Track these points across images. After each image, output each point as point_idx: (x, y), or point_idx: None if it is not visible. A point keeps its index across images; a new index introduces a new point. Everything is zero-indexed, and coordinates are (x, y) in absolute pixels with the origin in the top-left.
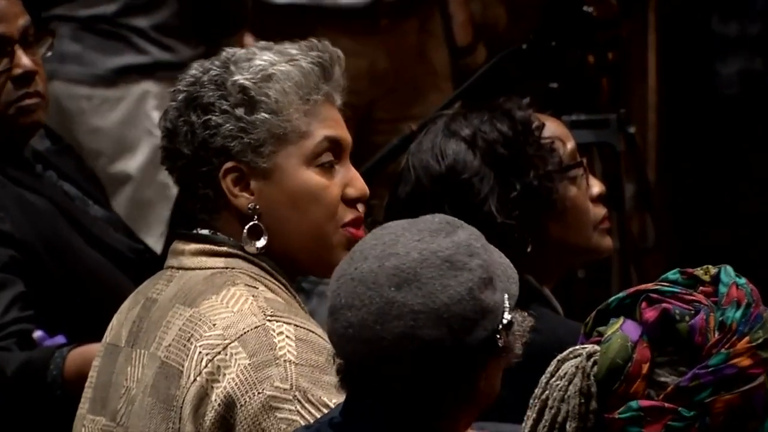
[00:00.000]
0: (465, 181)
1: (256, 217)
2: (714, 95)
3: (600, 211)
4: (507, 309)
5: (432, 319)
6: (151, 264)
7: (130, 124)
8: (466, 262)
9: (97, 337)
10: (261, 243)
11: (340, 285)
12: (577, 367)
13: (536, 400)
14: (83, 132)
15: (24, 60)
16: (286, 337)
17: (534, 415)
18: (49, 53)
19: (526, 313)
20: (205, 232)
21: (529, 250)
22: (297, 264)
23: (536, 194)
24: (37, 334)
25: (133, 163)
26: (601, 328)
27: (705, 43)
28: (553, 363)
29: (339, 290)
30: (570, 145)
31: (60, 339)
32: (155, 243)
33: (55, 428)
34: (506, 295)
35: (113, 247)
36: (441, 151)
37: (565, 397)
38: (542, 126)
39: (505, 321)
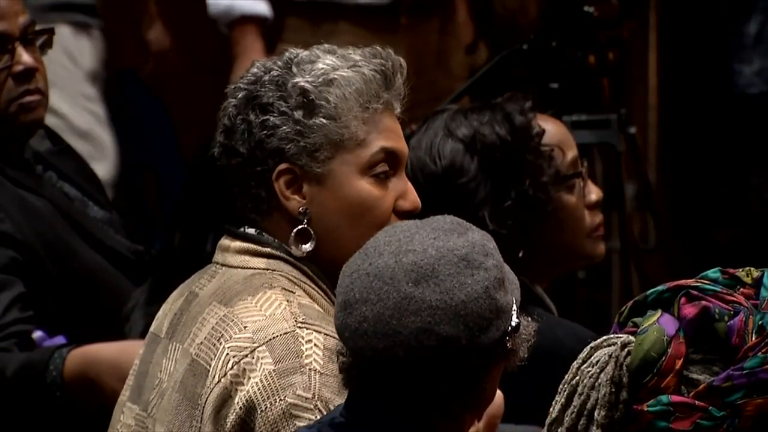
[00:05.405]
0: (461, 186)
1: (306, 220)
2: (716, 95)
3: (595, 218)
4: (515, 312)
5: (449, 315)
6: (150, 265)
7: None
8: (482, 261)
9: (97, 338)
10: (308, 247)
11: (353, 280)
12: (610, 356)
13: (566, 385)
14: None
15: (25, 57)
16: (315, 345)
17: (563, 400)
18: (50, 50)
19: (530, 318)
20: (251, 231)
21: (520, 255)
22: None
23: (530, 204)
24: (37, 334)
25: None
26: (637, 319)
27: (707, 42)
28: (586, 349)
29: (353, 285)
30: (570, 153)
31: (60, 339)
32: None
33: (55, 428)
34: (514, 298)
35: (113, 248)
36: (439, 151)
37: (596, 384)
38: (542, 133)
39: (513, 323)
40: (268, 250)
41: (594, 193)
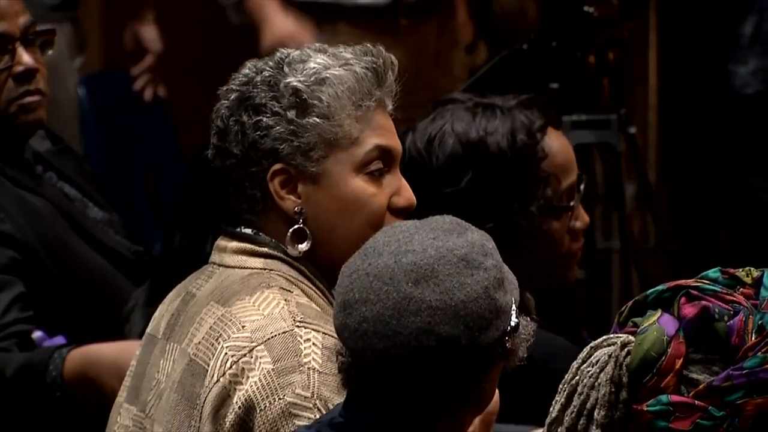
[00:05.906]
0: (448, 195)
1: (301, 220)
2: (716, 95)
3: (576, 245)
4: (515, 312)
5: (449, 315)
6: (150, 266)
7: None
8: (481, 261)
9: (97, 338)
10: (304, 246)
11: (353, 280)
12: (609, 356)
13: (566, 385)
14: None
15: (25, 57)
16: (313, 344)
17: (562, 400)
18: (51, 52)
19: (529, 318)
20: (248, 231)
21: None
22: (338, 270)
23: (511, 228)
24: (37, 334)
25: None
26: (637, 319)
27: (708, 42)
28: (586, 349)
29: (352, 285)
30: (567, 182)
31: (59, 339)
32: None
33: (55, 428)
34: (513, 298)
35: (112, 249)
36: (438, 148)
37: (596, 384)
38: (544, 158)
39: (513, 323)
40: (265, 249)
41: (580, 221)
